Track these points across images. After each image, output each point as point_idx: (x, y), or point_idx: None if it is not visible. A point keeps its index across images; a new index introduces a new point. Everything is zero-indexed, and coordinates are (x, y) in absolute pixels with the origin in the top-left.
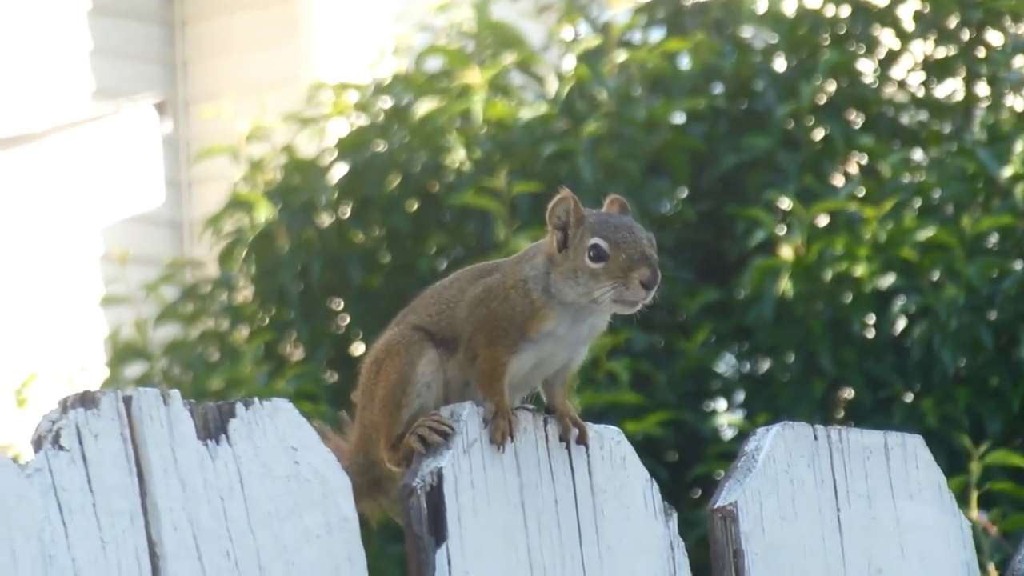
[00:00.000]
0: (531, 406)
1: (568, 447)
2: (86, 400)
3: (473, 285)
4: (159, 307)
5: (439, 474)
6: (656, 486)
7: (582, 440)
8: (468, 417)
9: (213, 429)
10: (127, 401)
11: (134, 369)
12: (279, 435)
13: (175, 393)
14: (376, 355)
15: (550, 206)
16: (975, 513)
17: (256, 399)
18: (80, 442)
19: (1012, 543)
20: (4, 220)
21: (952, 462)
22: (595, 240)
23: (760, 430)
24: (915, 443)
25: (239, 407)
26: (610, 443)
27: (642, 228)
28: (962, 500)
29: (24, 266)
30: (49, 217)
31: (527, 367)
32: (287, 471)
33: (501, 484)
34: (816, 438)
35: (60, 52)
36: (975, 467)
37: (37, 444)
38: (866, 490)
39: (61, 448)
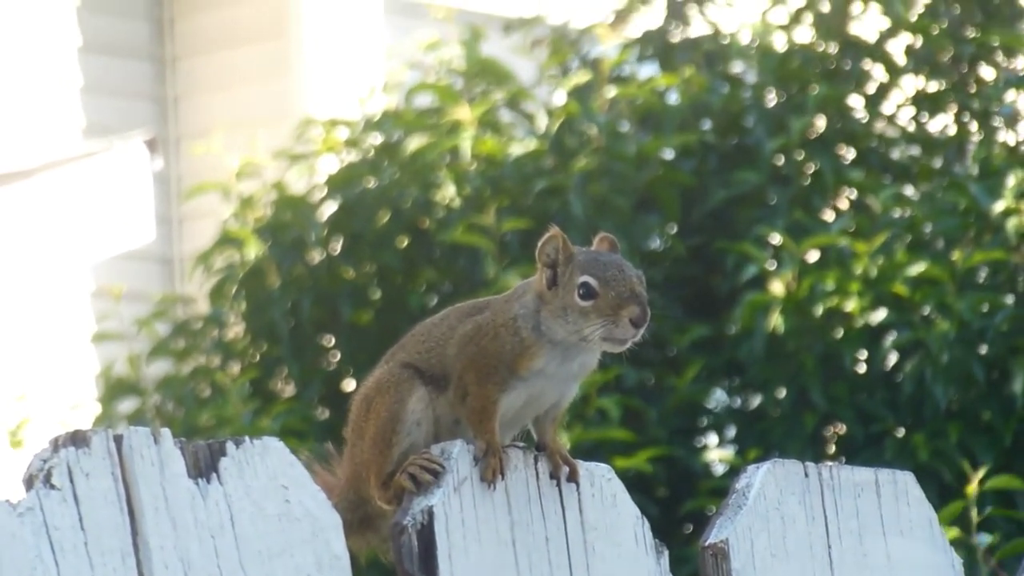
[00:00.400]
0: (521, 444)
1: (559, 485)
2: (77, 439)
3: (463, 323)
4: (151, 343)
5: (430, 512)
6: (647, 523)
7: (572, 478)
8: (459, 455)
9: (204, 468)
10: (118, 440)
11: (126, 405)
12: (270, 474)
13: (166, 432)
14: (366, 392)
15: (539, 244)
16: (975, 537)
17: (247, 438)
18: (71, 481)
19: (1009, 571)
20: None
21: (944, 496)
22: (584, 278)
23: (751, 467)
24: (906, 480)
25: (230, 446)
26: (601, 481)
27: (631, 266)
28: (962, 524)
29: (15, 303)
30: (40, 254)
31: (518, 405)
32: (278, 509)
33: (492, 522)
34: (807, 475)
35: (50, 88)
36: (971, 490)
37: (28, 483)
38: (857, 527)
39: (52, 487)
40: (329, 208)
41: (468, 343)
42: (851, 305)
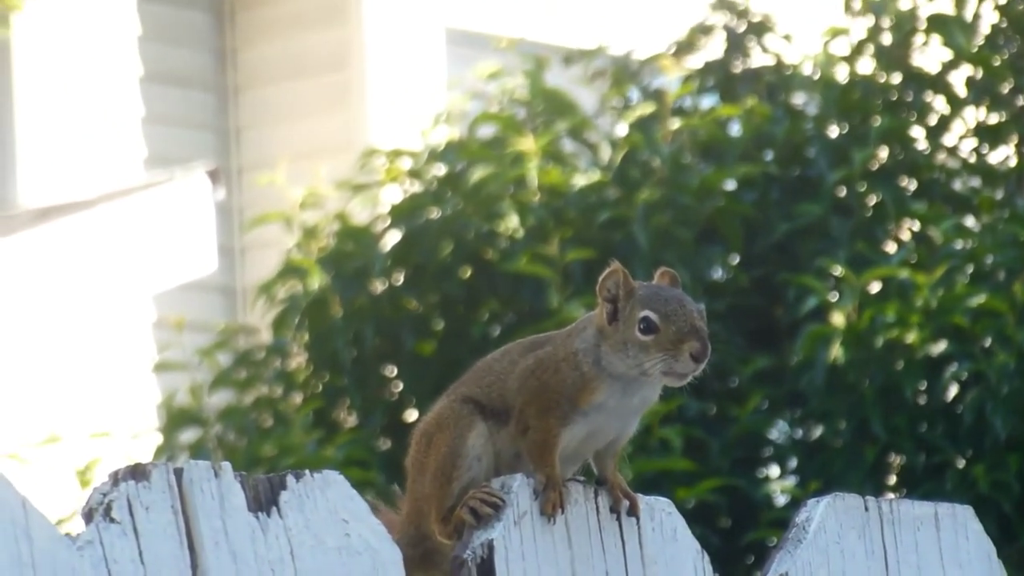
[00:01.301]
0: (582, 478)
1: (619, 519)
2: (137, 472)
3: (524, 357)
4: (212, 373)
5: (490, 546)
6: (707, 557)
7: (633, 512)
8: (519, 489)
9: (264, 501)
10: (178, 473)
11: (188, 435)
12: (330, 507)
13: (226, 465)
14: (426, 428)
15: (600, 279)
16: None
17: (307, 471)
18: (131, 514)
19: None
20: (58, 287)
21: (1003, 527)
22: (645, 313)
23: (811, 501)
24: (965, 514)
25: (290, 479)
26: (661, 515)
27: (692, 300)
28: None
29: (78, 333)
30: (103, 284)
31: (578, 439)
32: (338, 543)
33: (552, 555)
34: (867, 509)
35: (113, 119)
36: None
37: (88, 516)
38: (916, 561)
39: (112, 520)
40: (392, 238)
41: (529, 377)
42: (911, 336)
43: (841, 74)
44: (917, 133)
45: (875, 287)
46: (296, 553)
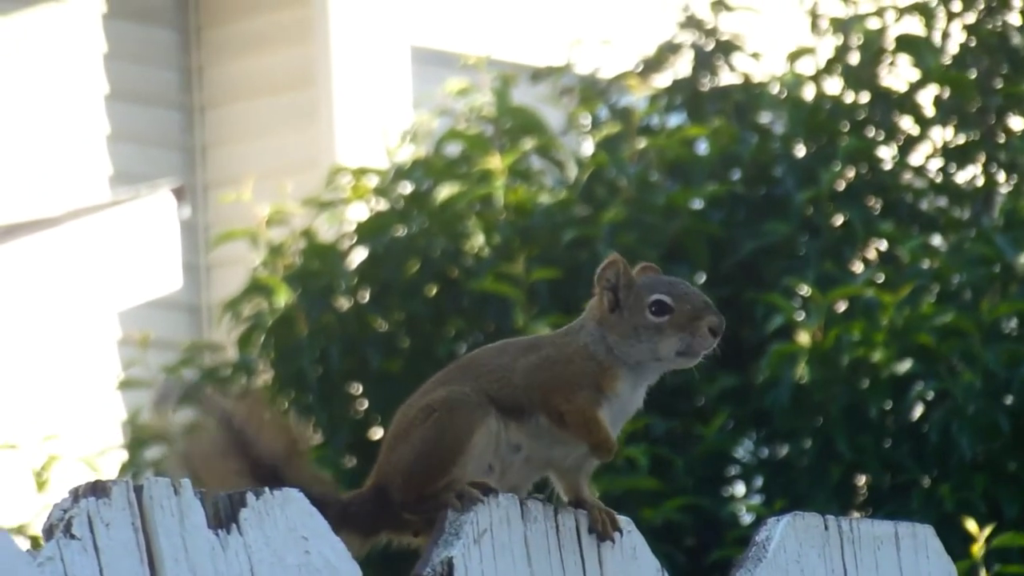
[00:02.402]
0: (540, 496)
1: (600, 539)
2: (97, 489)
3: (525, 355)
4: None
5: (450, 563)
6: (667, 575)
7: (615, 527)
8: (479, 507)
9: (224, 518)
10: (138, 490)
11: (153, 452)
12: (290, 524)
13: (186, 482)
14: (431, 403)
15: (599, 269)
16: None
17: (267, 488)
18: (92, 531)
19: None
20: (23, 304)
21: (968, 547)
22: (656, 296)
23: (771, 520)
24: (926, 533)
25: (250, 496)
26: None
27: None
28: None
29: (42, 350)
30: (67, 301)
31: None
32: (298, 560)
33: (511, 574)
34: (827, 528)
35: (78, 136)
36: (977, 549)
37: (48, 533)
38: None
39: (73, 537)
40: (358, 256)
41: (536, 371)
42: (877, 355)
43: (809, 94)
44: (884, 153)
45: (841, 306)
46: (256, 570)
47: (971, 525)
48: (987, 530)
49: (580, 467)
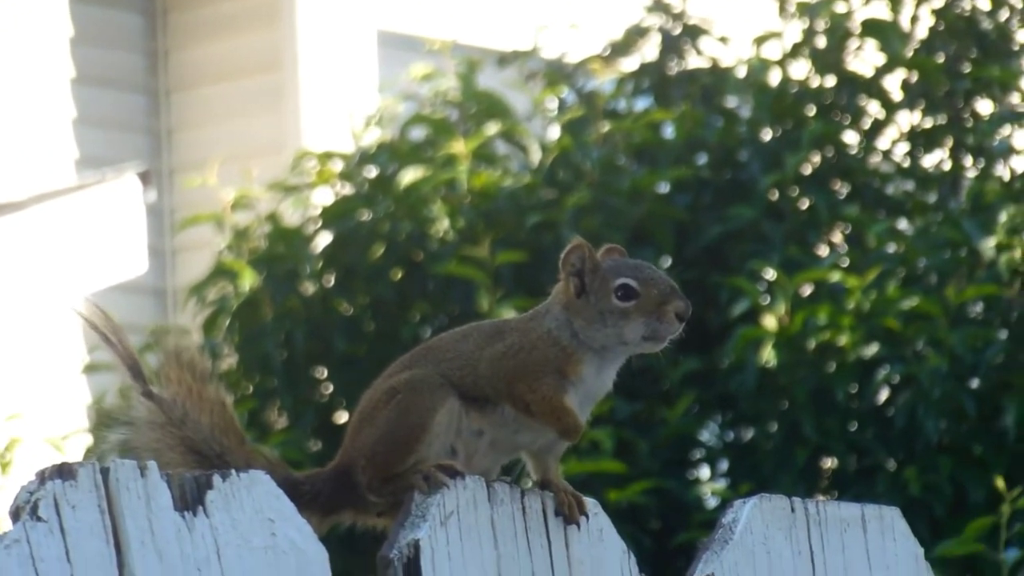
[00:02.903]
0: (507, 478)
1: (566, 521)
2: (64, 471)
3: (491, 343)
4: None
5: (416, 546)
6: (633, 558)
7: (582, 511)
8: (446, 489)
9: (190, 500)
10: (104, 472)
11: (118, 436)
12: (256, 506)
13: (152, 464)
14: (395, 384)
15: (564, 254)
16: (1003, 554)
17: (233, 471)
18: (58, 513)
19: None
20: None
21: (936, 530)
22: (622, 280)
23: (737, 502)
24: (892, 515)
25: (216, 479)
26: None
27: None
28: (991, 541)
29: (7, 333)
30: (32, 285)
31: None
32: (264, 542)
33: (478, 556)
34: (793, 510)
35: (43, 120)
36: (1007, 509)
37: (15, 515)
38: (843, 562)
39: (39, 519)
40: (323, 240)
41: (501, 359)
42: (843, 339)
43: (775, 78)
44: (850, 137)
45: (807, 290)
46: (222, 552)
47: (1000, 483)
48: (1016, 490)
49: (550, 449)
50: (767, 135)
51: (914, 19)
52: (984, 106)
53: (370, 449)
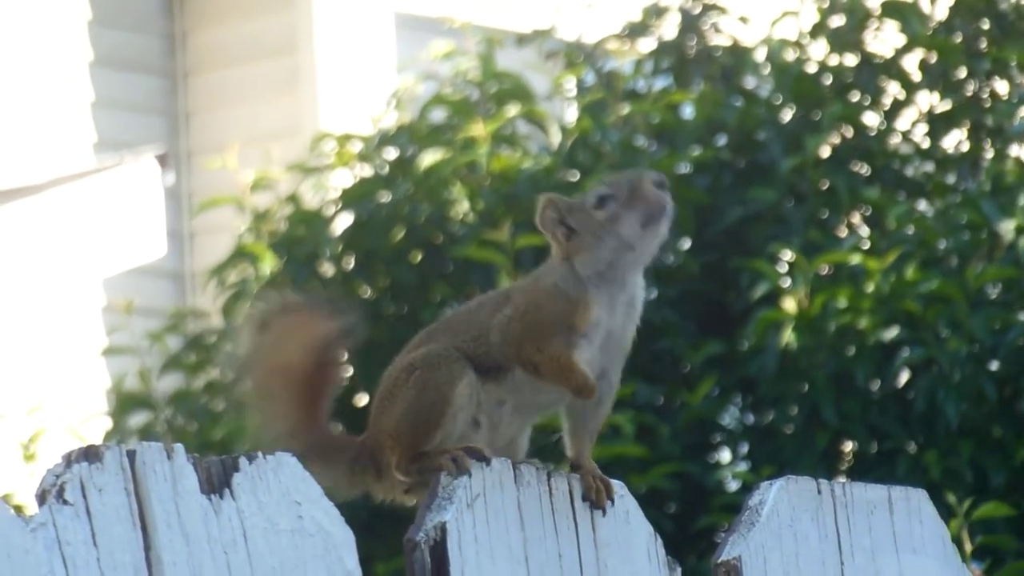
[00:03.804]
0: (536, 460)
1: (572, 501)
2: (90, 454)
3: (500, 310)
4: (162, 358)
5: (443, 528)
6: (660, 540)
7: (609, 496)
8: (472, 470)
9: (217, 483)
10: (131, 455)
11: (137, 419)
12: (283, 489)
13: (179, 447)
14: (411, 361)
15: (538, 215)
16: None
17: (260, 453)
18: (84, 496)
19: None
20: (6, 272)
21: (955, 514)
22: (594, 193)
23: (764, 484)
24: (919, 497)
25: (243, 461)
26: (614, 497)
27: None
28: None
29: (26, 317)
30: (52, 268)
31: (587, 358)
32: (291, 525)
33: (505, 538)
34: (820, 492)
35: (62, 103)
36: (957, 524)
37: (41, 498)
38: (870, 544)
39: (65, 502)
40: (343, 223)
41: (510, 323)
42: (863, 322)
43: (794, 58)
44: (870, 118)
45: (827, 272)
46: (249, 535)
47: (951, 498)
48: (966, 503)
49: (585, 426)
50: (787, 116)
51: (933, 0)
52: (1003, 87)
53: (395, 428)
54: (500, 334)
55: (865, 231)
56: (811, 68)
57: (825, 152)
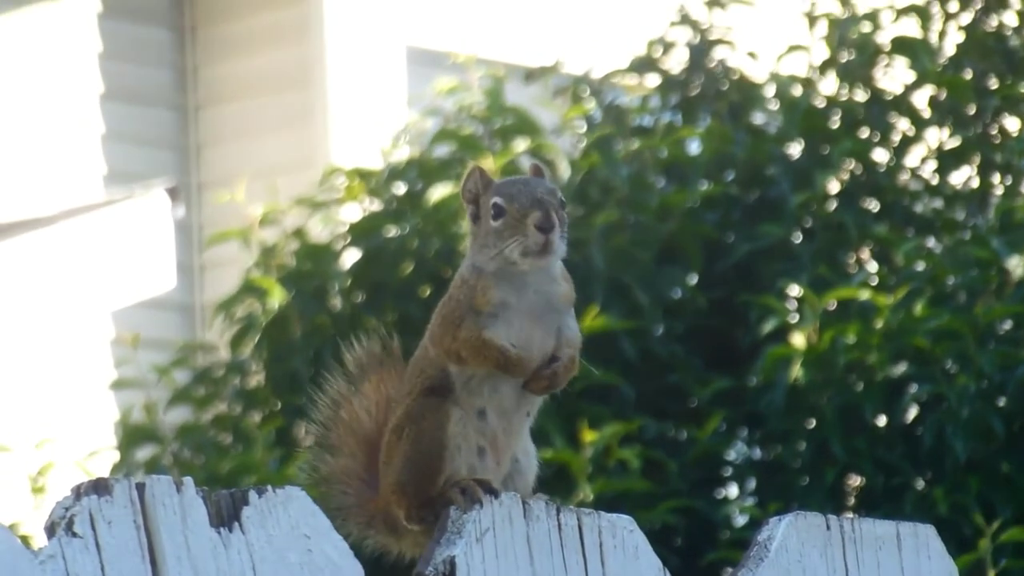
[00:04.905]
0: (544, 496)
1: (581, 536)
2: (99, 487)
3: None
4: (170, 391)
5: (452, 562)
6: (669, 575)
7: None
8: (484, 501)
9: (226, 516)
10: (140, 488)
11: (144, 452)
12: (292, 523)
13: (188, 480)
14: (397, 423)
15: (462, 182)
16: None
17: (269, 487)
18: (93, 529)
19: None
20: (15, 303)
21: (963, 549)
22: (494, 199)
23: (772, 519)
24: (927, 533)
25: (252, 495)
26: (623, 532)
27: (544, 181)
28: None
29: (35, 349)
30: (60, 300)
31: (515, 341)
32: (300, 559)
33: (514, 573)
34: (828, 528)
35: (72, 136)
36: (985, 544)
37: (50, 531)
38: None
39: (74, 535)
40: (351, 257)
41: (432, 326)
42: (872, 358)
43: (803, 93)
44: (879, 154)
45: (836, 308)
46: (258, 568)
47: (978, 519)
48: (994, 525)
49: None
50: (796, 152)
51: (942, 35)
52: (1012, 124)
53: (397, 484)
54: (430, 340)
55: (874, 267)
56: (820, 103)
57: (834, 188)
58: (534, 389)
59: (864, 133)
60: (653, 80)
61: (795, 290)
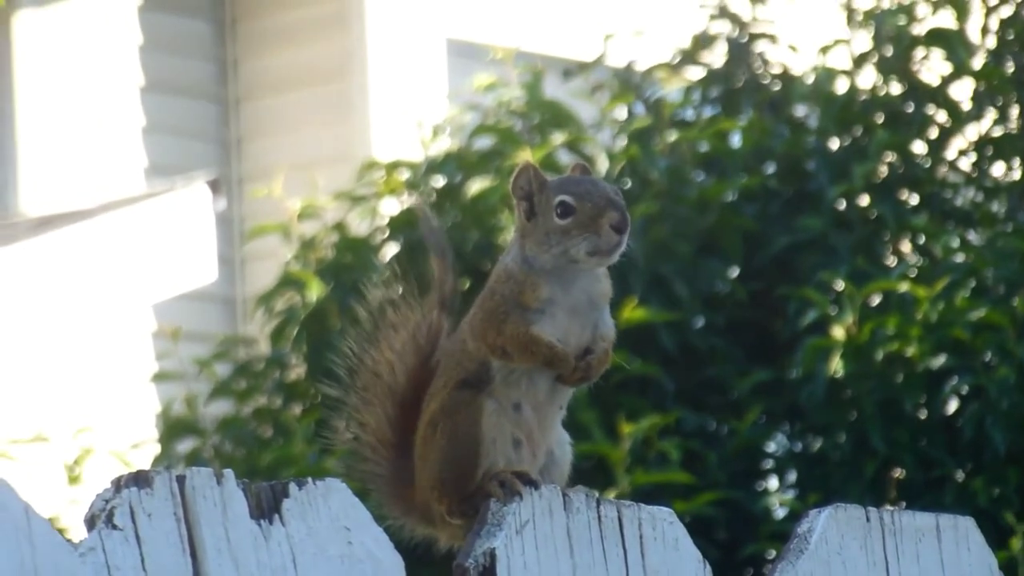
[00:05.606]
0: (584, 488)
1: (621, 528)
2: (140, 479)
3: (469, 316)
4: (211, 384)
5: (492, 554)
6: (708, 567)
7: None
8: (524, 494)
9: (266, 509)
10: (180, 480)
11: (185, 445)
12: (332, 515)
13: (228, 473)
14: (432, 418)
15: (512, 179)
16: None
17: (310, 479)
18: (134, 521)
19: None
20: (57, 295)
21: (1003, 541)
22: (561, 197)
23: (812, 512)
24: (967, 525)
25: (292, 487)
26: (663, 524)
27: (605, 182)
28: (1009, 573)
29: (76, 342)
30: (102, 293)
31: (557, 336)
32: (340, 551)
33: (554, 565)
34: (868, 520)
35: (114, 129)
36: (1016, 543)
37: (90, 523)
38: (918, 572)
39: (114, 527)
40: (391, 250)
41: (473, 319)
42: (911, 350)
43: (842, 86)
44: (918, 147)
45: (875, 300)
46: (298, 561)
47: (1009, 517)
48: None
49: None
50: (834, 144)
51: (984, 30)
52: None
53: (437, 481)
54: (471, 335)
55: (913, 259)
56: (859, 96)
57: (873, 180)
58: (568, 382)
59: (902, 125)
60: (695, 73)
61: (836, 283)
